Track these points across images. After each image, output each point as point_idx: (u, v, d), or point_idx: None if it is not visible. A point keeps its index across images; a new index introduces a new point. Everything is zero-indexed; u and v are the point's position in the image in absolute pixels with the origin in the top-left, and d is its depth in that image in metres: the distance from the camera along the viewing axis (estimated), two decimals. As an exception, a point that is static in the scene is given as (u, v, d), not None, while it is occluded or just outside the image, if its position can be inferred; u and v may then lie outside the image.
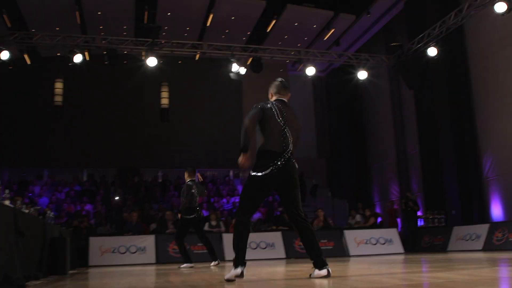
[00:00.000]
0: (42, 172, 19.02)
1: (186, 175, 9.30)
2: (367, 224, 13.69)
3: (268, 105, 4.63)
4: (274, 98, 4.86)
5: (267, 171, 4.42)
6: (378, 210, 17.73)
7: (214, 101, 21.46)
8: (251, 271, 6.14)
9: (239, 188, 19.30)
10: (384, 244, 12.79)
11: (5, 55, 13.22)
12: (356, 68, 16.05)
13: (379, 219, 15.24)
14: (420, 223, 14.76)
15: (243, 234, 4.47)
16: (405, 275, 4.46)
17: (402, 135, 17.67)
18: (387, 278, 4.14)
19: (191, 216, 8.94)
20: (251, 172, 4.51)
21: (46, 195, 16.66)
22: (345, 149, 21.31)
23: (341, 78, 18.54)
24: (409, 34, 15.60)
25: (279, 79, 4.98)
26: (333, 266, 4.52)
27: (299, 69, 16.29)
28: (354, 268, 6.32)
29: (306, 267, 6.70)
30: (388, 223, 15.12)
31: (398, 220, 15.87)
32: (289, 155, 4.55)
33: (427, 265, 6.35)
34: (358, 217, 14.15)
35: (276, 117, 4.58)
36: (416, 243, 13.70)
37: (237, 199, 18.11)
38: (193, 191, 9.00)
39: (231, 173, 21.02)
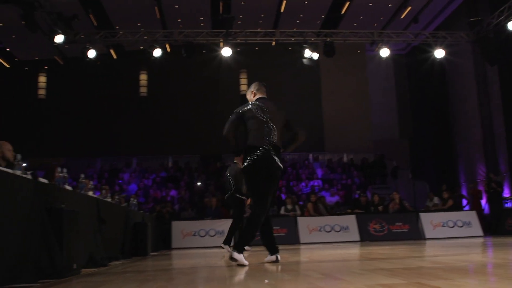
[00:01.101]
0: (131, 160, 20.18)
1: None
2: (445, 206, 13.46)
3: (246, 108, 5.08)
4: (256, 96, 5.32)
5: (249, 162, 4.86)
6: (464, 192, 17.25)
7: (292, 85, 21.65)
8: (318, 253, 6.40)
9: (319, 171, 19.49)
10: (462, 227, 12.56)
11: (91, 53, 14.20)
12: (433, 46, 15.65)
13: (464, 201, 14.90)
14: (509, 205, 14.27)
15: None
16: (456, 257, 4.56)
17: (488, 113, 17.02)
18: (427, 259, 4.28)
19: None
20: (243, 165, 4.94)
21: (134, 182, 17.73)
22: (428, 129, 20.81)
23: (422, 56, 18.06)
24: (490, 8, 14.98)
25: (256, 83, 5.48)
26: (394, 249, 4.66)
27: (376, 49, 16.11)
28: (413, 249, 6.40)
29: (378, 249, 6.89)
30: (472, 205, 14.74)
31: (483, 202, 15.41)
32: (269, 146, 4.93)
33: (497, 248, 6.33)
34: (436, 200, 13.94)
35: (257, 115, 5.02)
36: (500, 225, 13.29)
37: (315, 182, 18.34)
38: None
39: (310, 157, 21.19)
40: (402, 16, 18.13)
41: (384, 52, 15.49)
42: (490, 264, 3.77)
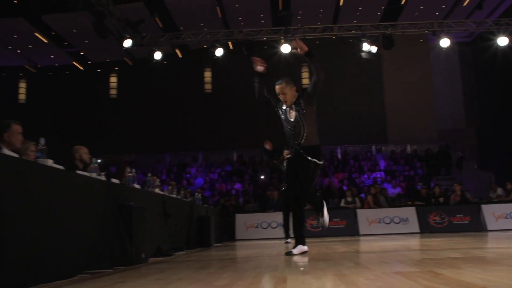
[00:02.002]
0: (197, 154, 21.04)
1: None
2: (509, 198, 13.30)
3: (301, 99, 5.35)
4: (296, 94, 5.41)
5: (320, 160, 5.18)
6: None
7: (354, 77, 21.73)
8: (369, 244, 6.75)
9: (381, 163, 19.54)
10: (526, 218, 12.42)
11: (158, 55, 15.05)
12: (496, 34, 15.36)
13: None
14: None
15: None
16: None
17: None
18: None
19: None
20: (317, 161, 5.16)
21: (201, 176, 18.54)
22: (495, 118, 20.34)
23: (486, 43, 17.68)
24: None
25: (285, 77, 5.67)
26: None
27: (437, 40, 15.98)
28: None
29: (430, 241, 7.16)
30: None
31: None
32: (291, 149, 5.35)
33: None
34: (499, 191, 13.80)
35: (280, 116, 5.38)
36: None
37: (378, 174, 18.44)
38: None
39: (373, 148, 21.25)
40: (465, 4, 17.84)
41: (445, 42, 15.36)
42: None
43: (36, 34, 17.06)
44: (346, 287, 2.42)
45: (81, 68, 20.41)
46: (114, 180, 5.23)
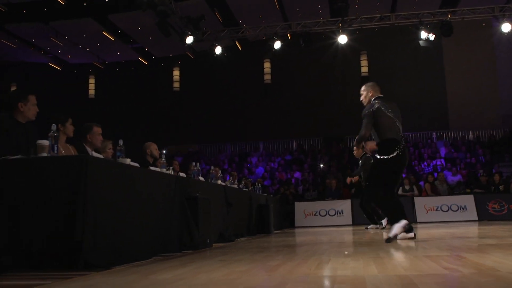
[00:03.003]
0: (258, 144, 21.66)
1: None
2: None
3: (375, 107, 5.39)
4: (375, 95, 5.60)
5: (393, 154, 5.20)
6: None
7: (414, 64, 21.62)
8: (420, 232, 7.09)
9: (442, 150, 19.44)
10: None
11: (218, 50, 15.74)
12: None
13: None
14: None
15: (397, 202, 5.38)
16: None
17: None
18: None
19: None
20: (378, 156, 5.32)
21: (261, 165, 19.12)
22: None
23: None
24: None
25: (371, 82, 5.83)
26: None
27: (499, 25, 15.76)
28: None
29: (486, 229, 7.42)
30: None
31: None
32: (403, 143, 5.35)
33: None
34: None
35: (386, 113, 5.37)
36: None
37: (438, 162, 18.39)
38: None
39: (434, 135, 21.13)
40: (528, -15, 17.38)
41: (506, 27, 15.17)
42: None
43: (104, 33, 18.07)
44: (375, 266, 2.87)
45: (146, 63, 21.36)
46: (181, 174, 5.85)
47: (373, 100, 5.52)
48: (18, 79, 21.89)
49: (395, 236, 5.09)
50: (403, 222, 5.12)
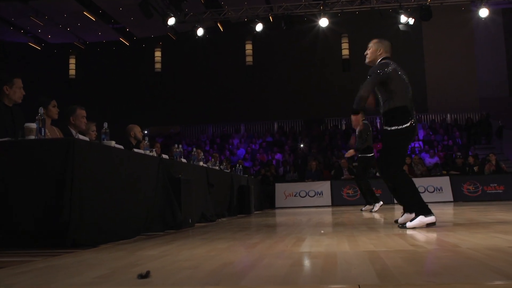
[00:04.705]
0: (239, 126, 21.82)
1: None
2: (544, 167, 13.53)
3: (391, 67, 4.59)
4: (384, 55, 4.81)
5: (407, 124, 4.44)
6: None
7: (394, 49, 21.22)
8: (397, 213, 7.35)
9: (420, 132, 19.72)
10: (560, 186, 12.66)
11: (200, 31, 15.80)
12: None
13: None
14: None
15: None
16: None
17: None
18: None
19: (371, 155, 8.80)
20: (389, 128, 4.51)
21: (243, 147, 19.31)
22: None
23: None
24: None
25: (384, 39, 4.99)
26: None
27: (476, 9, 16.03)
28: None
29: (458, 209, 7.71)
30: None
31: None
32: (414, 112, 4.61)
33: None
34: (535, 160, 14.01)
35: (402, 76, 4.64)
36: None
37: (416, 144, 18.70)
38: (371, 129, 9.11)
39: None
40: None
41: (483, 13, 15.44)
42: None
43: (85, 13, 17.95)
44: (348, 244, 3.09)
45: (127, 44, 21.28)
46: (164, 156, 6.00)
47: (383, 60, 4.75)
48: (-3, 58, 21.67)
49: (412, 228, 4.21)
50: (432, 218, 4.29)
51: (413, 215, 4.36)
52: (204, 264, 2.42)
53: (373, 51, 4.83)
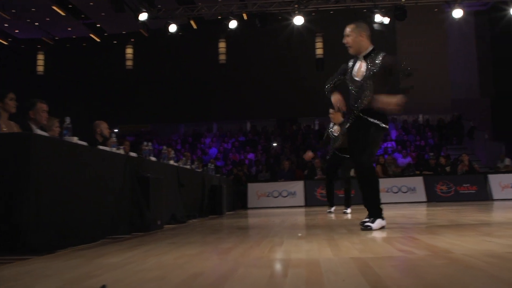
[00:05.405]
0: (211, 125, 21.49)
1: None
2: (516, 167, 13.59)
3: (381, 56, 4.41)
4: (368, 39, 4.59)
5: (387, 126, 4.43)
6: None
7: (368, 47, 21.72)
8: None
9: (393, 133, 19.74)
10: (533, 188, 12.70)
11: (172, 28, 15.39)
12: (510, 4, 15.37)
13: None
14: None
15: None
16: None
17: None
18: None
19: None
20: (381, 124, 4.33)
21: (215, 146, 18.98)
22: (511, 88, 20.34)
23: (503, 12, 17.56)
24: None
25: (361, 23, 4.71)
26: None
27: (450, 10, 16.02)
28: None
29: (435, 210, 7.57)
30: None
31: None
32: None
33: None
34: (507, 161, 14.07)
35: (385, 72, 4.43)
36: None
37: (389, 144, 18.69)
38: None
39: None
40: (480, -28, 17.73)
41: (457, 13, 15.43)
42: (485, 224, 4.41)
43: (54, 7, 17.39)
44: (330, 249, 2.83)
45: (98, 40, 20.76)
46: (132, 154, 5.67)
47: (377, 51, 4.52)
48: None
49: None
50: (384, 222, 4.28)
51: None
52: (171, 274, 2.13)
53: (354, 38, 4.54)
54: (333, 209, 8.37)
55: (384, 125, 4.35)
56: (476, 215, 5.86)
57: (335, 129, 8.36)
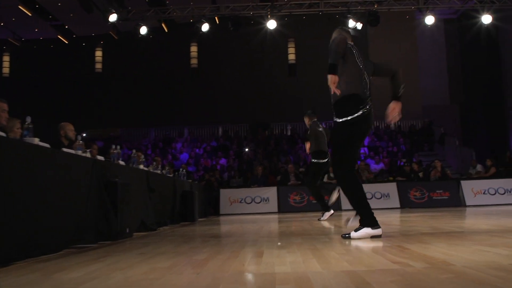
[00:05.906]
0: (183, 129, 21.10)
1: (307, 120, 8.29)
2: (487, 174, 13.61)
3: (349, 44, 4.11)
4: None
5: (358, 114, 3.99)
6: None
7: (340, 54, 21.69)
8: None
9: (365, 139, 19.66)
10: (503, 194, 12.73)
11: (143, 30, 15.03)
12: (481, 12, 15.48)
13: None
14: None
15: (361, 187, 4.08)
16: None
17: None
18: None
19: (324, 161, 7.94)
20: (338, 119, 4.06)
21: (186, 151, 18.62)
22: (479, 95, 20.58)
23: (472, 20, 17.75)
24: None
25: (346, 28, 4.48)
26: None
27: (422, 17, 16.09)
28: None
29: (412, 216, 7.40)
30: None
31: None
32: (370, 103, 4.15)
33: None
34: (479, 167, 14.11)
35: (356, 58, 4.10)
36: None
37: (361, 150, 18.60)
38: (320, 129, 8.03)
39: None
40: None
41: (429, 20, 15.50)
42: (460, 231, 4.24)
43: (20, 7, 16.83)
44: (317, 261, 2.58)
45: (66, 42, 20.20)
46: (99, 157, 5.34)
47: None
48: None
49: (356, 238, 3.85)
50: (379, 231, 3.91)
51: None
52: (140, 292, 1.85)
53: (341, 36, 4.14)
54: (331, 212, 7.96)
55: (340, 119, 4.03)
56: (457, 222, 5.71)
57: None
